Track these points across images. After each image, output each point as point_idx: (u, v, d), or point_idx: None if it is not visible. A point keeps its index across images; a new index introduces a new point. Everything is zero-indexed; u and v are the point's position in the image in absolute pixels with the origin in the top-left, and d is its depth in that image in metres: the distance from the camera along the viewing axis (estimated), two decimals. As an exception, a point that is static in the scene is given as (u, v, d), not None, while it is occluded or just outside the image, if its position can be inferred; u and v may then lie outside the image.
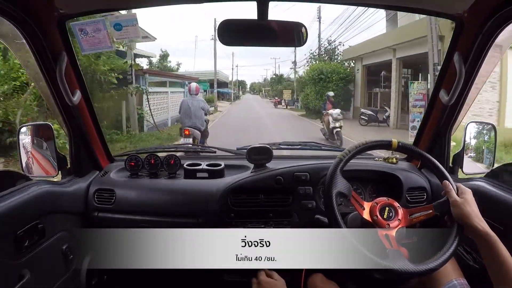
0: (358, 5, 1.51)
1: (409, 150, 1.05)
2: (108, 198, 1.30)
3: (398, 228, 0.93)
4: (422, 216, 0.95)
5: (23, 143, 1.28)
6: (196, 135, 5.44)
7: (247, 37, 1.11)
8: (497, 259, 0.79)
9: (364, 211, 0.95)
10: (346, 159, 0.97)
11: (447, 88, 1.18)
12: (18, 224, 0.95)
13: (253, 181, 1.29)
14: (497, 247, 0.80)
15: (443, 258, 0.87)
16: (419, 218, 0.96)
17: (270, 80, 43.88)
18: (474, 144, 1.31)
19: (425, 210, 0.96)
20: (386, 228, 0.92)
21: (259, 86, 72.21)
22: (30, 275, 0.95)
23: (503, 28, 0.99)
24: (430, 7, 1.09)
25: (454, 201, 0.89)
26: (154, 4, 1.19)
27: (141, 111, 9.75)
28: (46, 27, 1.05)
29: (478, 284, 1.01)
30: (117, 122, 9.04)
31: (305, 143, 1.57)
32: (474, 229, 0.84)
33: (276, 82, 38.88)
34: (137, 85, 9.25)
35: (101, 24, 1.17)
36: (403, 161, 1.44)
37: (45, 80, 1.15)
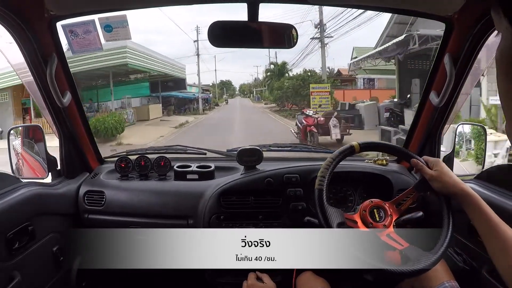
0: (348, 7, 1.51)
1: (371, 147, 1.04)
2: (98, 200, 1.30)
3: (393, 222, 0.94)
4: (408, 201, 0.96)
5: (13, 144, 1.28)
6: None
7: (238, 38, 1.10)
8: (482, 215, 0.81)
9: (357, 224, 0.94)
10: (325, 186, 0.94)
11: (437, 90, 1.18)
12: (8, 225, 0.95)
13: (243, 182, 1.29)
14: (480, 204, 0.82)
15: (449, 233, 0.88)
16: (406, 204, 0.96)
17: (265, 75, 27.97)
18: (464, 145, 1.32)
19: (408, 194, 0.97)
20: (383, 228, 0.92)
21: (249, 87, 61.33)
22: (20, 277, 0.95)
23: (494, 30, 0.99)
24: (420, 9, 1.10)
25: (430, 176, 0.91)
26: (144, 6, 1.19)
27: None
28: (36, 28, 1.04)
29: (468, 286, 1.01)
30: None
31: (295, 145, 1.58)
32: (458, 194, 0.86)
33: (276, 75, 23.50)
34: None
35: (91, 25, 1.17)
36: (393, 163, 1.44)
37: (35, 82, 1.14)
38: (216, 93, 40.12)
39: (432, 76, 1.22)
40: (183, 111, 19.97)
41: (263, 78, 30.42)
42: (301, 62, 31.70)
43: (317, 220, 0.91)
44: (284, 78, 20.44)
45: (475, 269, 1.07)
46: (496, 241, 0.77)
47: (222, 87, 60.75)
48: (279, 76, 22.80)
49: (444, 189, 0.89)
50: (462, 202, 0.85)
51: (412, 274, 0.84)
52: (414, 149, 1.35)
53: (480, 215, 0.81)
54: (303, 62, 33.22)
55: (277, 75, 23.37)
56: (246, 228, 1.23)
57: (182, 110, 20.19)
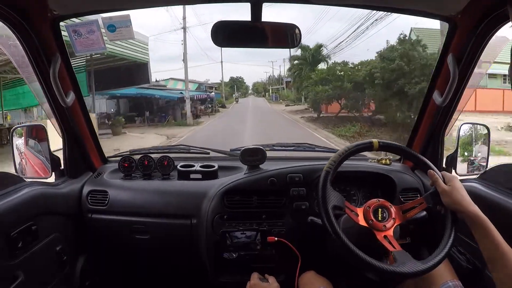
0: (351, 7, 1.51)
1: (390, 148, 1.04)
2: (101, 200, 1.30)
3: (394, 227, 0.94)
4: (415, 210, 0.96)
5: (17, 144, 1.28)
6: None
7: (241, 38, 1.11)
8: (490, 240, 0.80)
9: (358, 217, 0.95)
10: (333, 170, 0.97)
11: (440, 90, 1.18)
12: (11, 225, 0.95)
13: (247, 182, 1.29)
14: (489, 229, 0.81)
15: (447, 247, 0.88)
16: (412, 212, 0.96)
17: (292, 64, 18.95)
18: (467, 145, 1.32)
19: (416, 203, 0.97)
20: (383, 229, 0.92)
21: (263, 86, 56.18)
22: (23, 277, 0.95)
23: (497, 29, 0.99)
24: (423, 9, 1.10)
25: (443, 190, 0.91)
26: (147, 6, 1.19)
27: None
28: (40, 28, 1.05)
29: (471, 286, 1.01)
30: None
31: (298, 145, 1.58)
32: (466, 213, 0.85)
33: (309, 64, 16.34)
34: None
35: (95, 25, 1.17)
36: (397, 162, 1.44)
37: (39, 81, 1.15)
38: (223, 91, 32.17)
39: (435, 75, 1.22)
40: (164, 121, 12.95)
41: (290, 68, 19.75)
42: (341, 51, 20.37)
43: (321, 220, 0.92)
44: (320, 70, 13.99)
45: (478, 269, 1.07)
46: (506, 270, 0.76)
47: (232, 84, 54.06)
48: (312, 65, 16.08)
49: (453, 205, 0.88)
50: (471, 224, 0.85)
51: (430, 270, 0.85)
52: (417, 149, 1.36)
53: (489, 241, 0.80)
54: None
55: (310, 64, 16.28)
56: (249, 228, 1.23)
57: (163, 119, 13.06)
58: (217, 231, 1.22)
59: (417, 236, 1.18)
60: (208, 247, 1.24)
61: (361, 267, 0.88)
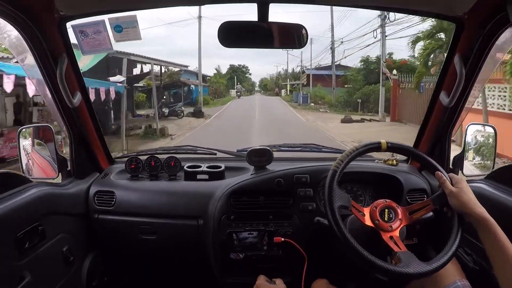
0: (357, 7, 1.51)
1: (398, 149, 1.04)
2: (108, 200, 1.31)
3: (400, 228, 0.94)
4: (422, 211, 0.96)
5: (23, 145, 1.28)
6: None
7: (248, 39, 1.11)
8: (496, 243, 0.81)
9: (365, 217, 0.95)
10: (340, 169, 0.97)
11: (447, 90, 1.18)
12: (18, 226, 0.95)
13: (254, 183, 1.29)
14: (496, 231, 0.82)
15: (453, 249, 0.88)
16: (419, 214, 0.96)
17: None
18: (474, 145, 1.32)
19: (423, 205, 0.97)
20: (389, 230, 0.93)
21: (275, 80, 45.57)
22: (30, 277, 0.95)
23: (504, 30, 0.99)
24: (430, 9, 1.10)
25: (450, 192, 0.91)
26: (154, 6, 1.19)
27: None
28: (46, 29, 1.05)
29: (479, 286, 1.01)
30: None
31: (305, 145, 1.57)
32: (473, 216, 0.86)
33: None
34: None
35: (101, 26, 1.17)
36: (403, 163, 1.44)
37: (46, 82, 1.15)
38: (200, 73, 17.81)
39: (442, 76, 1.22)
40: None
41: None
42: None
43: (327, 221, 0.92)
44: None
45: (485, 269, 1.07)
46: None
47: (231, 75, 37.70)
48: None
49: (460, 207, 0.89)
50: (477, 226, 0.85)
51: (435, 271, 0.85)
52: (424, 149, 1.36)
53: (495, 243, 0.81)
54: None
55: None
56: (256, 229, 1.23)
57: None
58: (223, 231, 1.22)
59: (423, 237, 1.19)
60: (214, 248, 1.24)
61: (366, 267, 0.88)
